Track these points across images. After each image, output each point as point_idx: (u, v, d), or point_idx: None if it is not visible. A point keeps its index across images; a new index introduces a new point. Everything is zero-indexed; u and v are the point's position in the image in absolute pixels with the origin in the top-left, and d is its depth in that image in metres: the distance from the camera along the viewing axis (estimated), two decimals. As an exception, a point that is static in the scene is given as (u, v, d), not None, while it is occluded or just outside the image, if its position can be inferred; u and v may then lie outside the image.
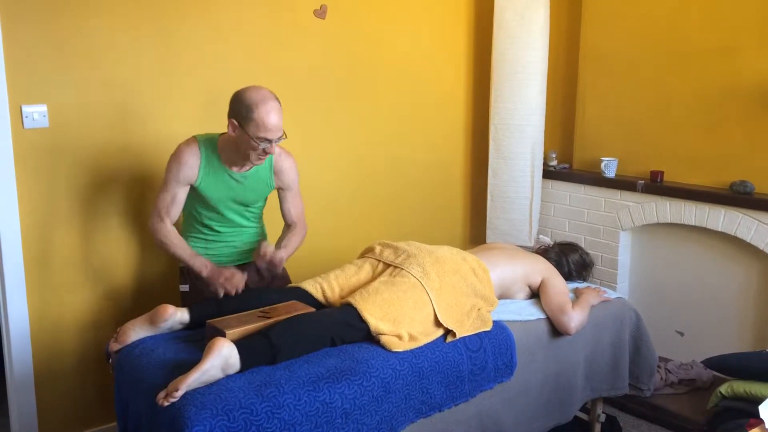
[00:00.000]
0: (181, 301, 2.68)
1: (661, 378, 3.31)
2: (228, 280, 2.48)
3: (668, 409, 3.21)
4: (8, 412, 2.88)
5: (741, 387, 2.82)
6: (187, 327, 2.35)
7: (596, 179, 3.83)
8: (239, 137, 2.44)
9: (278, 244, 2.73)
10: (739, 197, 3.25)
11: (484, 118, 3.97)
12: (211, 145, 2.55)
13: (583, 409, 3.04)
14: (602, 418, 3.01)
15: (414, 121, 3.78)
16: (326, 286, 2.49)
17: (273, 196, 2.79)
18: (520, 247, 3.15)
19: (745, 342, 3.41)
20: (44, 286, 2.77)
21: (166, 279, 3.04)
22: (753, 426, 2.06)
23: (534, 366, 2.58)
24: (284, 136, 2.49)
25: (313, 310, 2.34)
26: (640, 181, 3.62)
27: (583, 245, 3.58)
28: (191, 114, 3.01)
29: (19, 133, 2.63)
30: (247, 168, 2.58)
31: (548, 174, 4.01)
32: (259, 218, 2.79)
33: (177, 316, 2.31)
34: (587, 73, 3.94)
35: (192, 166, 2.51)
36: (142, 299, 2.97)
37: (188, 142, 2.55)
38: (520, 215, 3.89)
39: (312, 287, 2.49)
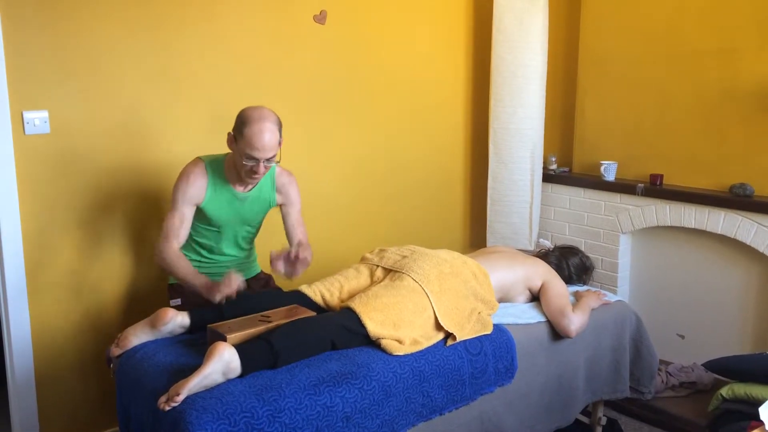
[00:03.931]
0: None
1: (662, 381, 3.31)
2: (227, 285, 2.37)
3: (669, 412, 3.21)
4: (9, 417, 2.88)
5: (742, 389, 2.82)
6: (188, 331, 2.35)
7: (596, 183, 3.84)
8: (234, 151, 2.47)
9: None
10: (738, 200, 3.26)
11: (484, 121, 3.98)
12: (217, 165, 2.56)
13: (584, 412, 3.04)
14: (603, 421, 3.01)
15: (414, 125, 3.79)
16: (325, 291, 2.50)
17: (271, 225, 2.80)
18: (521, 250, 3.16)
19: (746, 344, 3.41)
20: (45, 290, 2.78)
21: (166, 285, 3.04)
22: (754, 428, 2.07)
23: (535, 369, 2.58)
24: (276, 160, 2.47)
25: (313, 314, 2.34)
26: (639, 185, 3.63)
27: (583, 249, 3.58)
28: (192, 119, 3.02)
29: (20, 139, 2.64)
30: (250, 188, 2.59)
31: (548, 177, 4.02)
32: (253, 241, 2.80)
33: (177, 319, 2.31)
34: (586, 77, 3.95)
35: (200, 187, 2.51)
36: (142, 304, 2.97)
37: (195, 162, 2.56)
38: (520, 219, 3.90)
39: (311, 291, 2.50)
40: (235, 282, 2.38)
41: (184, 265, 2.49)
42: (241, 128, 2.40)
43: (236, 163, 2.49)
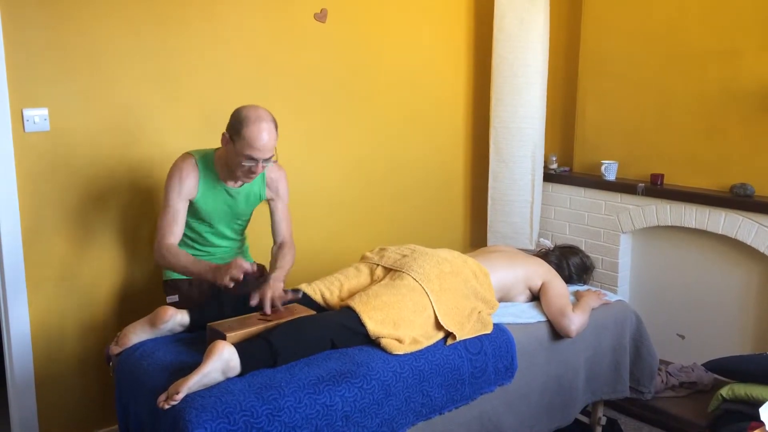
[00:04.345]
0: None
1: (662, 381, 3.31)
2: (236, 267, 2.31)
3: (669, 412, 3.20)
4: (9, 416, 2.87)
5: (742, 390, 2.82)
6: (188, 329, 2.35)
7: (597, 182, 3.83)
8: (229, 152, 2.44)
9: (272, 265, 2.65)
10: (739, 200, 3.25)
11: (485, 121, 3.97)
12: (207, 160, 2.54)
13: (584, 412, 3.04)
14: (603, 421, 3.01)
15: (415, 125, 3.79)
16: (325, 290, 2.49)
17: (260, 215, 2.80)
18: (521, 250, 3.15)
19: (746, 345, 3.41)
20: (45, 288, 2.77)
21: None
22: (754, 429, 2.07)
23: (535, 369, 2.58)
24: (274, 159, 2.46)
25: (313, 312, 2.34)
26: (640, 184, 3.63)
27: (583, 248, 3.57)
28: (192, 117, 3.01)
29: (20, 136, 2.64)
30: (240, 183, 2.58)
31: (549, 177, 4.01)
32: (244, 232, 2.80)
33: (177, 317, 2.31)
34: (587, 76, 3.94)
35: (192, 181, 2.50)
36: (142, 302, 2.97)
37: (184, 158, 2.53)
38: (520, 218, 3.90)
39: (311, 290, 2.49)
40: (243, 266, 2.32)
41: (183, 256, 2.48)
42: (239, 129, 2.37)
43: (230, 163, 2.46)
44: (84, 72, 2.73)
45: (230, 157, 2.45)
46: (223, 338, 2.09)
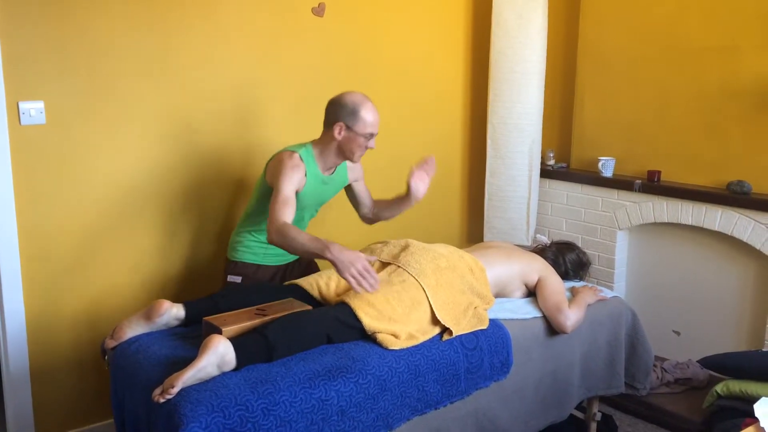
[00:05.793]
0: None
1: (658, 377, 3.31)
2: (363, 276, 2.27)
3: (664, 409, 3.21)
4: (4, 409, 2.87)
5: (737, 386, 2.83)
6: (183, 324, 2.35)
7: (594, 179, 3.84)
8: (345, 138, 2.61)
9: (388, 200, 2.97)
10: (736, 197, 3.26)
11: (482, 117, 3.97)
12: (309, 154, 2.66)
13: (579, 407, 3.04)
14: (598, 416, 3.01)
15: (412, 120, 3.78)
16: (322, 284, 2.49)
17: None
18: (518, 246, 3.15)
19: (741, 341, 3.42)
20: (40, 283, 2.77)
21: (163, 277, 3.04)
22: (748, 425, 2.07)
23: (530, 364, 2.58)
24: None
25: (309, 307, 2.33)
26: (637, 181, 3.63)
27: (580, 244, 3.58)
28: (191, 113, 3.01)
29: (15, 129, 2.63)
30: (332, 171, 2.75)
31: (546, 173, 4.01)
32: None
33: (173, 311, 2.31)
34: (585, 73, 3.94)
35: (302, 177, 2.61)
36: (138, 297, 2.97)
37: (290, 155, 2.60)
38: (517, 214, 3.90)
39: (307, 284, 2.49)
40: (375, 281, 2.32)
41: (301, 233, 2.44)
42: (356, 113, 2.58)
43: (344, 148, 2.63)
44: (81, 65, 2.72)
45: (347, 143, 2.62)
46: (219, 332, 2.09)
